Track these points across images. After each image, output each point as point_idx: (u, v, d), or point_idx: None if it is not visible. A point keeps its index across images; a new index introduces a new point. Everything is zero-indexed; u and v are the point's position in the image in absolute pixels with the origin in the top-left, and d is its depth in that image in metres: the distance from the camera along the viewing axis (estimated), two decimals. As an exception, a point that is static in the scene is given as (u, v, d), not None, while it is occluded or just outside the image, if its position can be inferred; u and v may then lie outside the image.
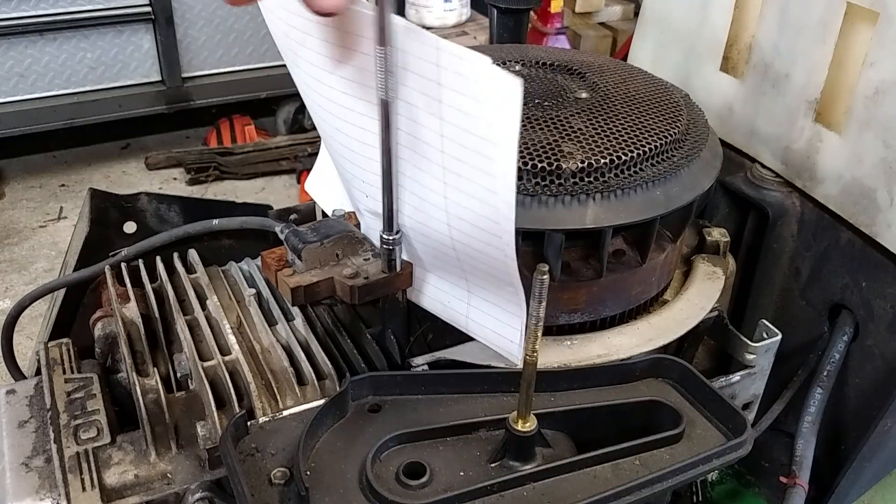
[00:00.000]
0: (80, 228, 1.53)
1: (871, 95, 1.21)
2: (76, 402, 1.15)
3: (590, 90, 1.22)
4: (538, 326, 0.84)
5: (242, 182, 3.87)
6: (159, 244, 1.43)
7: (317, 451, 0.93)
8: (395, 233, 1.04)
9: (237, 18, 3.76)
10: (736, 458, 0.95)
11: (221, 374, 1.14)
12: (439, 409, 1.00)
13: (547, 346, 1.12)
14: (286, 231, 1.10)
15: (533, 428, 0.91)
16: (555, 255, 1.07)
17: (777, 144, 1.39)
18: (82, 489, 1.01)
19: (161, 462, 1.06)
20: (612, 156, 1.07)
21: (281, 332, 1.24)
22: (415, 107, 0.91)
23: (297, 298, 1.06)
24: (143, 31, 3.62)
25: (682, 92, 1.31)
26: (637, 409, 1.01)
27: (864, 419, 1.31)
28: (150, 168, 3.93)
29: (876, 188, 1.22)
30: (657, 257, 1.17)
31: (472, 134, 0.87)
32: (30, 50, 3.45)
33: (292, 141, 3.94)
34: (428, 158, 0.93)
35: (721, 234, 1.34)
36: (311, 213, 1.46)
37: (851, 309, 1.32)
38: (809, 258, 1.38)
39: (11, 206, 3.64)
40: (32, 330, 2.51)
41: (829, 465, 1.37)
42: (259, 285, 1.35)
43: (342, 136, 1.05)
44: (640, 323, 1.18)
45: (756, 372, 1.27)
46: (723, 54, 1.48)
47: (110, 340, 1.30)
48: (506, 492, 0.89)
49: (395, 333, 1.15)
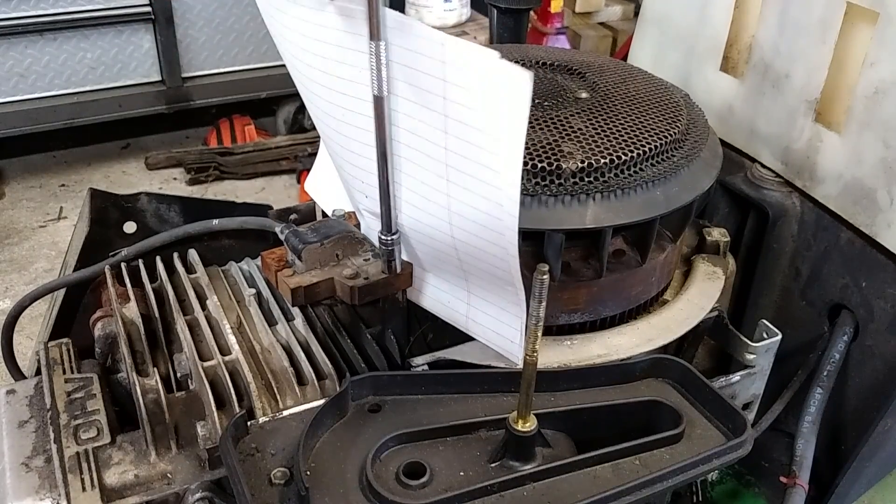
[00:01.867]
0: (80, 228, 1.53)
1: (871, 95, 1.21)
2: (76, 402, 1.15)
3: (590, 90, 1.22)
4: (538, 326, 0.84)
5: (242, 182, 3.87)
6: (159, 244, 1.43)
7: (317, 451, 0.93)
8: (393, 233, 1.03)
9: (237, 18, 3.76)
10: (736, 458, 0.95)
11: (221, 374, 1.14)
12: (439, 409, 1.00)
13: (547, 346, 1.12)
14: (286, 231, 1.10)
15: (533, 428, 0.91)
16: (555, 255, 1.07)
17: (777, 144, 1.39)
18: (82, 489, 1.01)
19: (161, 462, 1.06)
20: (612, 156, 1.07)
21: (281, 332, 1.24)
22: (417, 104, 0.91)
23: (297, 299, 1.06)
24: (143, 31, 3.61)
25: (682, 92, 1.31)
26: (637, 409, 1.01)
27: (864, 419, 1.31)
28: (150, 168, 3.93)
29: (876, 188, 1.22)
30: (657, 257, 1.17)
31: (477, 129, 0.86)
32: (30, 50, 3.45)
33: (292, 141, 3.94)
34: (431, 156, 0.93)
35: (721, 234, 1.34)
36: (311, 213, 1.46)
37: (851, 309, 1.32)
38: (809, 258, 1.38)
39: (11, 206, 3.64)
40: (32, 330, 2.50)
41: (829, 465, 1.37)
42: (259, 285, 1.35)
43: (341, 137, 1.05)
44: (640, 323, 1.18)
45: (756, 372, 1.27)
46: (723, 54, 1.48)
47: (110, 340, 1.30)
48: (506, 492, 0.89)
49: (395, 333, 1.15)
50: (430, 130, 0.91)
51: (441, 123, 0.89)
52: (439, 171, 0.93)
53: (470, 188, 0.91)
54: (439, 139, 0.91)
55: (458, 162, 0.91)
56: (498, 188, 0.88)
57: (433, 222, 0.99)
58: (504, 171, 0.86)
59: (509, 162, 0.85)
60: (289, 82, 1.09)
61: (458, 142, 0.89)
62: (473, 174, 0.90)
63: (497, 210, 0.89)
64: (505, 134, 0.84)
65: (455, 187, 0.93)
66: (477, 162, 0.89)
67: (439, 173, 0.93)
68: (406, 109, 0.92)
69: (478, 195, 0.90)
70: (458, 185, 0.92)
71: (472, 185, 0.90)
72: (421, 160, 0.95)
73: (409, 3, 3.88)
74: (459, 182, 0.92)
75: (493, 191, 0.88)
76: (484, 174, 0.88)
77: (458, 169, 0.91)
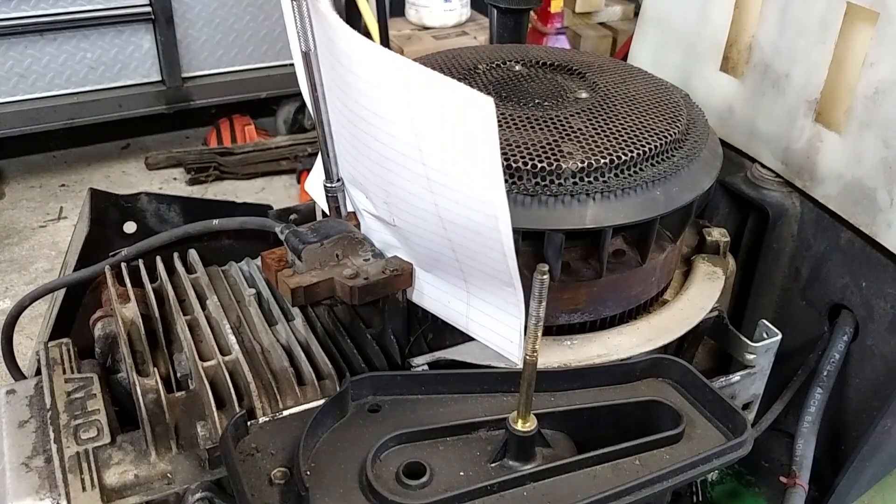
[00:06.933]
0: (80, 228, 1.53)
1: (871, 95, 1.21)
2: (76, 402, 1.14)
3: (590, 90, 1.22)
4: (538, 326, 0.84)
5: (242, 182, 3.87)
6: (159, 244, 1.43)
7: (317, 451, 0.93)
8: (335, 181, 1.11)
9: (237, 18, 3.76)
10: (736, 458, 0.95)
11: (221, 374, 1.13)
12: (439, 409, 1.00)
13: (547, 346, 1.12)
14: (286, 231, 1.10)
15: (533, 428, 0.91)
16: (555, 255, 1.07)
17: (777, 144, 1.39)
18: (82, 489, 1.01)
19: (161, 462, 1.06)
20: (612, 156, 1.07)
21: (281, 332, 1.24)
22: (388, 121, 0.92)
23: (297, 299, 1.06)
24: (143, 31, 3.61)
25: (682, 92, 1.31)
26: (637, 409, 1.01)
27: (864, 419, 1.31)
28: (150, 168, 3.93)
29: (876, 188, 1.22)
30: (657, 257, 1.17)
31: (451, 150, 0.87)
32: (30, 50, 3.45)
33: (292, 141, 3.93)
34: (411, 170, 0.94)
35: (721, 234, 1.34)
36: (311, 213, 1.46)
37: (851, 309, 1.32)
38: (809, 258, 1.38)
39: (11, 206, 3.64)
40: (32, 330, 2.50)
41: (829, 465, 1.37)
42: (259, 285, 1.35)
43: (340, 138, 1.06)
44: (640, 323, 1.18)
45: (756, 372, 1.27)
46: (723, 54, 1.48)
47: (110, 340, 1.30)
48: (506, 492, 0.89)
49: (395, 333, 1.15)
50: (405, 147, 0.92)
51: (414, 141, 0.90)
52: (422, 183, 0.93)
53: (455, 200, 0.91)
54: (415, 155, 0.91)
55: (438, 176, 0.91)
56: (484, 202, 0.88)
57: (428, 226, 0.99)
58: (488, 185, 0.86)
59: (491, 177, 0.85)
60: (289, 82, 1.10)
61: (433, 159, 0.90)
62: (456, 188, 0.90)
63: (487, 219, 0.90)
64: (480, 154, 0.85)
65: (441, 198, 0.93)
66: (456, 178, 0.89)
67: (423, 185, 0.94)
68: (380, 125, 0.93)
69: (464, 206, 0.91)
70: (443, 196, 0.92)
71: (457, 197, 0.91)
72: (403, 173, 0.95)
73: (409, 3, 3.88)
74: (444, 194, 0.92)
75: (481, 204, 0.89)
76: (467, 189, 0.89)
77: (440, 182, 0.91)
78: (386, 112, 0.91)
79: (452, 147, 0.87)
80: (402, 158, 0.93)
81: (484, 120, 0.81)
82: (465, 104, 0.82)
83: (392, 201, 1.01)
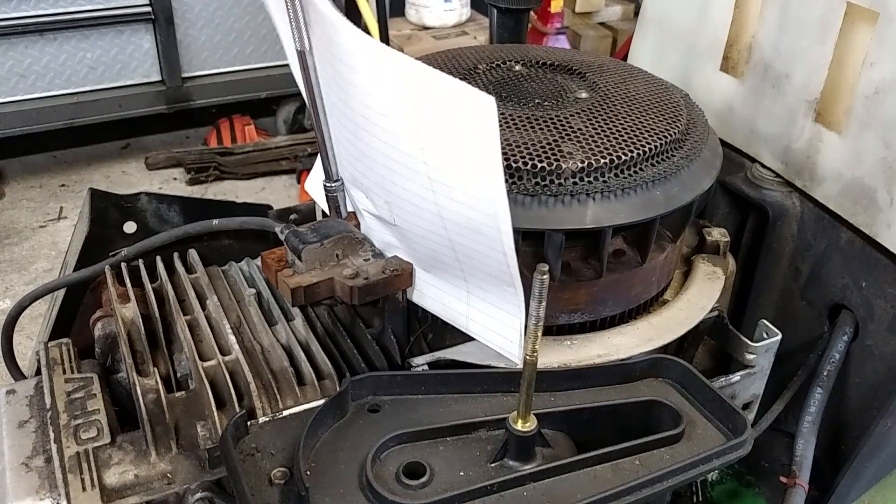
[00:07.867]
0: (80, 228, 1.53)
1: (871, 95, 1.21)
2: (76, 402, 1.14)
3: (590, 90, 1.22)
4: (538, 326, 0.84)
5: (242, 182, 3.87)
6: (159, 244, 1.43)
7: (317, 451, 0.93)
8: (335, 181, 1.10)
9: (237, 18, 3.76)
10: (736, 458, 0.95)
11: (221, 374, 1.13)
12: (439, 409, 1.00)
13: (547, 346, 1.12)
14: (286, 231, 1.10)
15: (533, 428, 0.91)
16: (555, 255, 1.07)
17: (777, 144, 1.39)
18: (82, 489, 1.01)
19: (161, 462, 1.06)
20: (612, 156, 1.07)
21: (281, 332, 1.24)
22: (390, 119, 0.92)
23: (297, 299, 1.06)
24: (143, 31, 3.62)
25: (682, 92, 1.31)
26: (637, 409, 1.01)
27: (864, 419, 1.31)
28: (150, 168, 3.93)
29: (876, 188, 1.22)
30: (657, 257, 1.17)
31: (453, 149, 0.87)
32: (30, 50, 3.45)
33: (292, 141, 3.94)
34: (412, 169, 0.94)
35: (721, 234, 1.34)
36: (311, 213, 1.46)
37: (851, 309, 1.32)
38: (809, 258, 1.38)
39: (11, 206, 3.64)
40: (32, 330, 2.50)
41: (829, 465, 1.37)
42: (259, 285, 1.35)
43: (340, 137, 1.06)
44: (640, 323, 1.18)
45: (756, 372, 1.27)
46: (723, 54, 1.48)
47: (110, 340, 1.30)
48: (506, 492, 0.89)
49: (395, 333, 1.15)
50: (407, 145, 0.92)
51: (416, 141, 0.90)
52: (423, 182, 0.93)
53: (456, 199, 0.91)
54: (417, 154, 0.91)
55: (440, 176, 0.91)
56: (484, 200, 0.88)
57: (428, 225, 0.99)
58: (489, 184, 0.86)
59: (492, 176, 0.85)
60: (289, 82, 1.10)
61: (435, 158, 0.90)
62: (457, 187, 0.90)
63: (488, 219, 0.90)
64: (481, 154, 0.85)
65: (442, 197, 0.93)
66: (458, 178, 0.89)
67: (424, 184, 0.94)
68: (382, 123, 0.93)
69: (465, 205, 0.91)
70: (444, 195, 0.92)
71: (458, 197, 0.91)
72: (404, 172, 0.95)
73: (409, 3, 3.88)
74: (445, 193, 0.92)
75: (483, 203, 0.89)
76: (469, 188, 0.89)
77: (441, 182, 0.91)
78: (387, 111, 0.91)
79: (454, 146, 0.87)
80: (404, 157, 0.93)
81: (485, 119, 0.81)
82: (466, 103, 0.82)
83: (392, 200, 1.01)
